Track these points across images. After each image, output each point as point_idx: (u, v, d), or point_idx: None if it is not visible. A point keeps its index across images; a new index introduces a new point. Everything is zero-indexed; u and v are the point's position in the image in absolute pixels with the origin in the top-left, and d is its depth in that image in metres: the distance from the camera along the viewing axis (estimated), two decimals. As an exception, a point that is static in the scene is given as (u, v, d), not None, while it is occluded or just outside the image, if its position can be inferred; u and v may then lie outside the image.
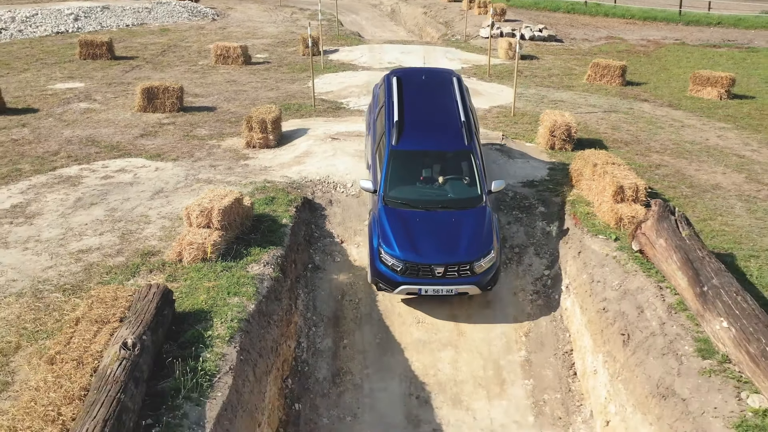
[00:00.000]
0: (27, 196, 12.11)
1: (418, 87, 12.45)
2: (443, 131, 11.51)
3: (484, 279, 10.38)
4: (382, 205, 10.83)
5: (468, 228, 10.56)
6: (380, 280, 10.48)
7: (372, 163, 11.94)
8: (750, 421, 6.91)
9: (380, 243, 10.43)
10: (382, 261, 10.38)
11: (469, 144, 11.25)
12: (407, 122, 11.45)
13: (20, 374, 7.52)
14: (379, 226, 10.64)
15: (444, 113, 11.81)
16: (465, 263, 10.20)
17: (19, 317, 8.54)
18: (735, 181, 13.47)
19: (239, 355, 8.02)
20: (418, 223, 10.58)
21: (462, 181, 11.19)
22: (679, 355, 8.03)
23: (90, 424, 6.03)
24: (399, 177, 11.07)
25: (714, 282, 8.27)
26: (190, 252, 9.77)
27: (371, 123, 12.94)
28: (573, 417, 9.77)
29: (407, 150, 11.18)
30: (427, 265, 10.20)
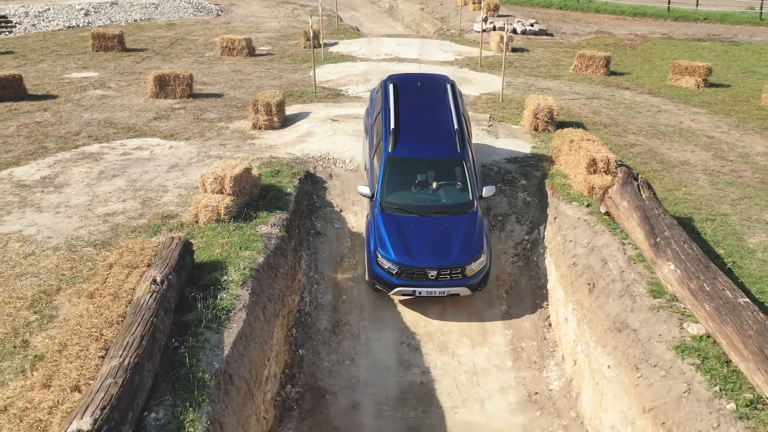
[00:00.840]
0: (54, 169, 13.30)
1: (413, 94, 12.82)
2: (437, 139, 11.97)
3: (475, 281, 11.00)
4: (378, 211, 11.38)
5: (460, 233, 11.08)
6: (377, 282, 11.14)
7: (369, 168, 12.48)
8: (688, 344, 8.10)
9: (377, 247, 11.01)
10: (379, 264, 10.98)
11: (461, 152, 11.72)
12: (403, 130, 11.92)
13: (62, 310, 8.70)
14: (375, 230, 11.22)
15: (438, 121, 12.25)
16: (457, 267, 10.78)
17: (57, 266, 9.73)
18: (702, 158, 14.65)
19: (251, 297, 9.20)
20: (413, 229, 11.14)
21: (454, 186, 11.69)
22: (633, 296, 9.23)
23: (130, 338, 7.22)
24: (395, 183, 11.60)
25: (666, 234, 9.46)
26: (205, 214, 10.96)
27: (369, 127, 13.39)
28: (547, 361, 10.97)
29: (403, 157, 11.67)
30: (421, 269, 10.78)
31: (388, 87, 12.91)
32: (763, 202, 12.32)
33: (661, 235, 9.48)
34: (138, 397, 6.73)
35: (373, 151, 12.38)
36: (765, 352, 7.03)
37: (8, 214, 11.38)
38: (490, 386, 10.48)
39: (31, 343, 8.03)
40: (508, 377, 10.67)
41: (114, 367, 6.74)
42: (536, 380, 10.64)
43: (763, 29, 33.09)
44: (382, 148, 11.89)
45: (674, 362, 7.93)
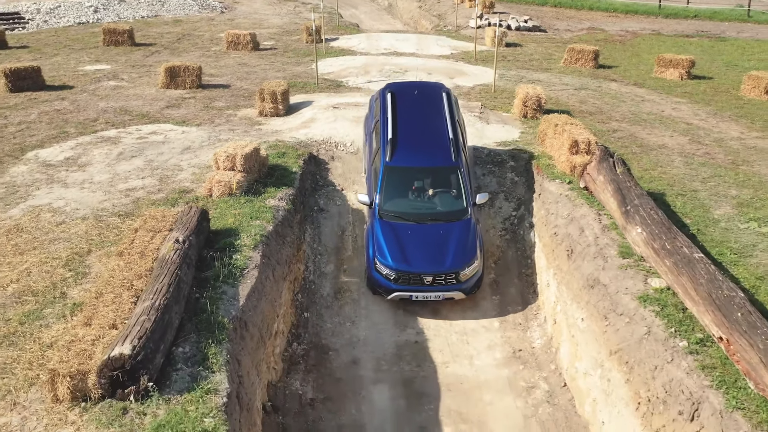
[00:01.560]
0: (76, 151, 14.34)
1: (410, 103, 13.26)
2: (433, 148, 12.44)
3: (469, 285, 11.57)
4: (377, 218, 11.95)
5: (454, 240, 11.59)
6: (376, 287, 11.73)
7: (368, 176, 13.00)
8: (650, 295, 9.14)
9: (375, 254, 11.58)
10: (377, 270, 11.54)
11: (456, 160, 12.20)
12: (400, 140, 12.43)
13: (94, 268, 9.73)
14: (374, 238, 11.77)
15: (434, 131, 12.72)
16: (451, 272, 11.32)
17: (86, 233, 10.77)
18: (679, 142, 15.69)
19: (262, 258, 10.23)
20: (409, 236, 11.69)
21: (449, 194, 12.21)
22: (605, 257, 10.27)
23: (158, 285, 8.25)
24: (392, 191, 12.13)
25: (635, 202, 10.50)
26: (218, 188, 11.99)
27: (368, 134, 13.81)
28: (530, 323, 12.01)
29: (400, 166, 12.20)
30: (417, 274, 11.34)
31: (386, 96, 13.40)
32: (731, 180, 13.36)
33: (631, 203, 10.53)
34: (168, 333, 7.78)
35: (372, 159, 12.92)
36: (713, 296, 8.07)
37: (37, 189, 12.42)
38: (479, 344, 11.51)
39: (69, 294, 9.07)
40: (494, 337, 11.71)
41: (147, 307, 7.78)
42: (520, 339, 11.68)
43: (751, 26, 34.14)
44: (380, 157, 12.41)
45: (637, 310, 8.97)
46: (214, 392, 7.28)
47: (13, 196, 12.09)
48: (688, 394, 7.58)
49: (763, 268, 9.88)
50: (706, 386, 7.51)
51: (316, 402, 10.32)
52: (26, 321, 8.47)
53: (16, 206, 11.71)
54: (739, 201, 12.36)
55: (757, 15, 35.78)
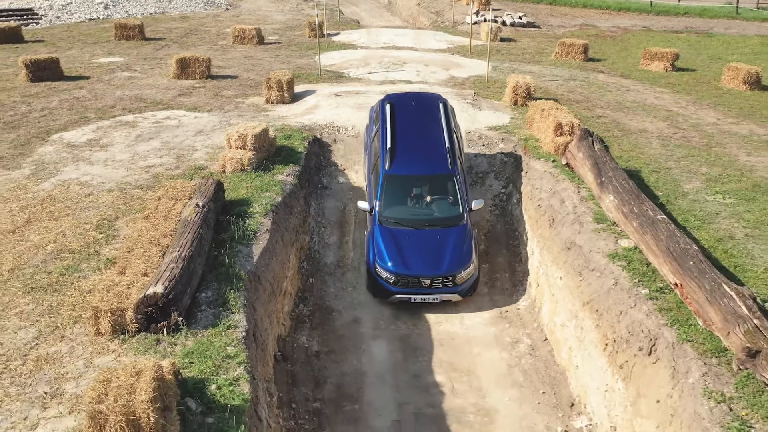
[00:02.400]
0: (97, 133, 15.45)
1: (408, 114, 13.87)
2: (430, 157, 13.05)
3: (465, 287, 12.16)
4: (377, 224, 12.52)
5: (450, 245, 12.17)
6: (376, 290, 12.30)
7: (368, 183, 13.60)
8: (619, 253, 10.27)
9: (375, 258, 12.17)
10: (378, 274, 12.12)
11: (452, 168, 12.82)
12: (399, 149, 13.04)
13: (122, 231, 10.84)
14: (374, 243, 12.35)
15: (431, 140, 13.33)
16: (448, 276, 11.93)
17: (113, 202, 11.89)
18: (659, 127, 16.80)
19: (272, 224, 11.35)
20: (408, 241, 12.29)
21: (446, 200, 12.78)
22: (582, 223, 11.39)
23: (183, 240, 9.37)
24: (392, 198, 12.72)
25: (609, 174, 11.62)
26: (231, 164, 13.11)
27: (368, 144, 14.43)
28: (516, 287, 13.13)
29: (399, 174, 12.82)
30: (416, 278, 11.94)
31: (385, 107, 13.98)
32: (703, 159, 14.47)
33: (606, 175, 11.65)
34: (192, 279, 8.90)
35: (372, 167, 13.54)
36: (670, 249, 9.19)
37: (65, 166, 13.54)
38: (469, 307, 12.61)
39: (101, 252, 10.18)
40: (483, 300, 12.82)
41: (174, 257, 8.91)
42: (507, 302, 12.79)
43: (739, 22, 35.24)
44: (379, 166, 13.01)
45: (607, 266, 10.09)
46: (234, 328, 8.40)
47: (43, 172, 13.22)
48: (647, 332, 8.70)
49: (722, 232, 11.00)
50: (662, 325, 8.63)
51: (321, 354, 11.43)
52: (66, 273, 9.59)
53: (47, 180, 12.84)
54: (708, 177, 13.47)
55: (745, 12, 36.89)
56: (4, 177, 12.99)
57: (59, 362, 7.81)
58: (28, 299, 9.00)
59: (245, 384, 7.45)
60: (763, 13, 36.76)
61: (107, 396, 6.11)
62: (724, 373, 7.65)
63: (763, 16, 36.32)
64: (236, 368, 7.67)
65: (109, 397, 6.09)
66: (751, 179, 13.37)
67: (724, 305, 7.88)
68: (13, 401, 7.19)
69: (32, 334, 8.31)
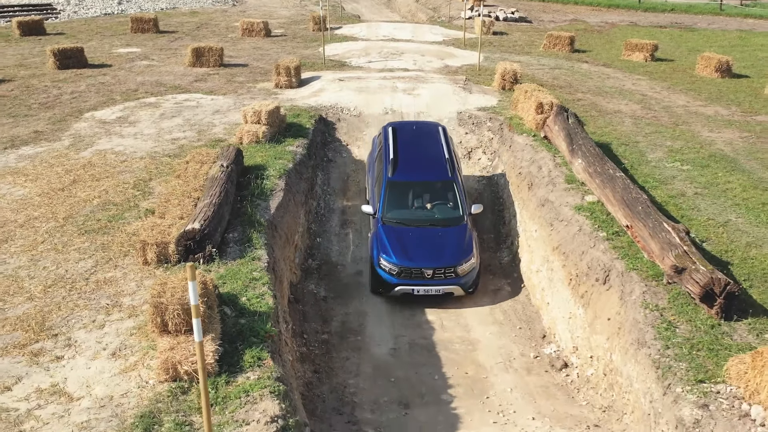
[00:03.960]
0: (125, 112, 17.15)
1: (410, 135, 14.71)
2: (431, 166, 13.77)
3: (466, 280, 12.48)
4: (380, 224, 13.02)
5: (452, 239, 12.71)
6: (379, 284, 12.61)
7: (371, 195, 14.11)
8: (584, 206, 11.97)
9: (379, 252, 12.59)
10: (381, 267, 12.52)
11: (452, 176, 13.49)
12: (401, 159, 13.77)
13: (156, 189, 12.54)
14: (378, 240, 12.79)
15: (431, 153, 14.11)
16: (449, 267, 12.34)
17: (146, 167, 13.59)
18: (632, 109, 18.51)
19: (285, 185, 13.04)
20: (411, 237, 12.79)
21: (446, 205, 13.33)
22: (555, 184, 13.09)
23: (212, 191, 11.07)
24: (394, 202, 13.25)
25: (579, 142, 13.32)
26: (247, 137, 14.81)
27: (370, 165, 15.00)
28: (500, 246, 14.82)
29: (401, 180, 13.45)
30: (419, 269, 12.31)
31: (387, 131, 14.79)
32: (669, 135, 16.17)
33: (576, 143, 13.35)
34: (222, 222, 10.61)
35: (375, 180, 14.10)
36: (624, 198, 10.89)
37: (99, 139, 15.24)
38: (458, 261, 14.26)
39: (140, 205, 11.88)
40: (471, 256, 14.48)
41: (206, 203, 10.61)
42: (491, 258, 14.47)
43: (722, 18, 36.97)
44: (382, 175, 13.61)
45: (573, 216, 11.79)
46: (258, 260, 10.10)
47: (81, 143, 14.92)
48: (602, 266, 10.40)
49: (676, 191, 12.71)
50: (614, 259, 10.33)
51: (328, 298, 13.11)
52: (112, 220, 11.29)
53: (86, 150, 14.54)
54: (670, 149, 15.17)
55: (728, 8, 38.61)
56: (47, 147, 14.69)
57: (115, 284, 9.51)
58: (83, 239, 10.70)
59: (269, 298, 9.15)
60: (746, 10, 38.49)
61: (165, 293, 7.81)
62: (660, 291, 9.35)
63: (746, 12, 38.04)
64: (261, 287, 9.37)
65: (166, 293, 7.80)
66: (708, 151, 15.07)
67: (662, 238, 9.58)
68: (82, 310, 8.89)
69: (90, 264, 10.01)
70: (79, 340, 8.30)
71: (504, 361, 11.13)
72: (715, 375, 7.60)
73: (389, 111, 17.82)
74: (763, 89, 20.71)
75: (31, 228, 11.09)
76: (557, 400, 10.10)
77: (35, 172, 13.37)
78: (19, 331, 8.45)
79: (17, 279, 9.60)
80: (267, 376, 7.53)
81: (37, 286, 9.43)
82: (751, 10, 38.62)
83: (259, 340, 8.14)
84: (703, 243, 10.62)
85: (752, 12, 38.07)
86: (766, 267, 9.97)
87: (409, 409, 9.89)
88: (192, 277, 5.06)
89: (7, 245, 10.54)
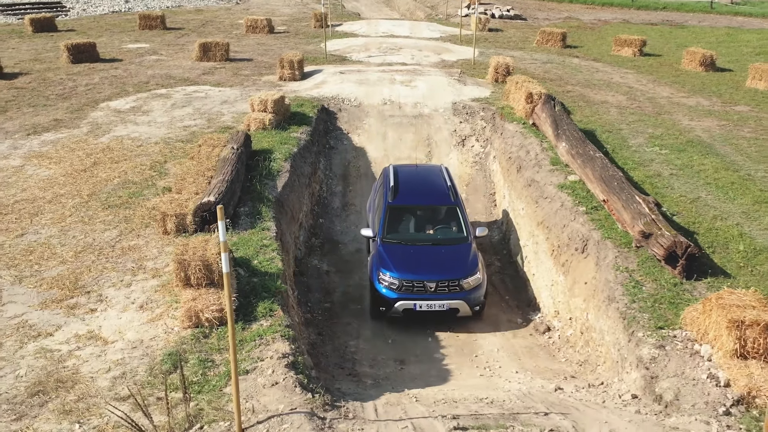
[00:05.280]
0: (138, 102, 18.16)
1: (411, 171, 14.12)
2: (433, 193, 13.18)
3: (472, 297, 11.44)
4: (380, 243, 12.24)
5: (455, 255, 11.97)
6: (378, 302, 11.63)
7: (371, 223, 13.47)
8: (567, 184, 12.98)
9: (379, 268, 11.70)
10: (381, 281, 11.57)
11: (455, 201, 12.80)
12: (402, 187, 13.14)
13: (172, 170, 13.54)
14: (377, 257, 11.97)
15: (433, 184, 13.48)
16: (454, 280, 11.36)
17: (160, 151, 14.59)
18: (618, 100, 19.51)
19: (291, 167, 14.04)
20: (413, 253, 12.02)
21: (450, 228, 12.64)
22: (541, 165, 14.10)
23: (225, 170, 12.07)
24: (395, 224, 12.56)
25: (564, 128, 14.34)
26: (255, 124, 15.81)
27: (371, 204, 14.29)
28: (491, 226, 15.78)
29: (402, 204, 12.73)
30: (421, 281, 11.33)
31: (388, 169, 14.07)
32: (651, 123, 17.18)
33: (561, 128, 14.37)
34: (234, 197, 11.61)
35: (375, 211, 13.43)
36: (602, 175, 11.90)
37: (116, 126, 16.25)
38: (451, 240, 15.27)
39: (157, 184, 12.88)
40: (464, 235, 15.49)
41: (220, 179, 11.62)
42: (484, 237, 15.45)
43: (713, 16, 37.98)
44: (382, 204, 12.91)
45: (557, 194, 12.81)
46: (267, 230, 11.11)
47: (99, 130, 15.93)
48: (581, 236, 11.40)
49: (653, 172, 13.71)
50: (592, 230, 11.33)
51: (331, 272, 14.12)
52: (133, 196, 12.31)
53: (104, 136, 15.55)
54: (651, 135, 16.18)
55: (719, 7, 39.63)
56: (67, 133, 15.70)
57: (139, 250, 10.52)
58: (107, 212, 11.71)
59: (278, 261, 10.16)
60: (736, 8, 39.51)
61: (188, 251, 8.82)
62: (630, 256, 10.35)
63: (736, 10, 39.06)
64: (271, 253, 10.37)
65: (189, 251, 8.81)
66: (686, 137, 16.08)
67: (634, 209, 10.59)
68: (110, 272, 9.90)
69: (115, 234, 11.02)
70: (109, 296, 9.30)
71: (492, 327, 12.13)
72: (674, 323, 8.61)
73: (388, 101, 18.82)
74: (744, 82, 21.71)
75: (58, 203, 12.10)
76: (539, 358, 11.10)
77: (58, 155, 14.38)
78: (55, 289, 9.46)
79: (50, 246, 10.62)
80: (278, 324, 8.54)
81: (68, 252, 10.44)
82: (741, 8, 39.64)
83: (270, 295, 9.15)
84: (673, 216, 11.62)
85: (742, 10, 39.10)
86: (729, 236, 10.98)
87: (404, 365, 10.88)
88: (221, 218, 6.06)
89: (38, 218, 11.56)
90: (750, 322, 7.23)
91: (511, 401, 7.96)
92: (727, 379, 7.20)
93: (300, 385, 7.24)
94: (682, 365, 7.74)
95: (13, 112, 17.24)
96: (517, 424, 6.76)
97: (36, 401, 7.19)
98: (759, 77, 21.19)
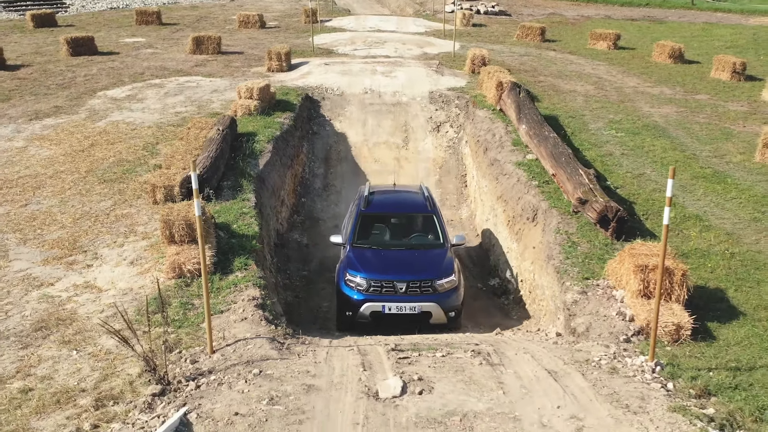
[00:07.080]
0: (133, 91, 19.35)
1: (388, 189, 13.54)
2: (409, 202, 12.75)
3: (446, 299, 10.56)
4: (350, 248, 11.50)
5: (429, 257, 11.32)
6: (344, 305, 10.78)
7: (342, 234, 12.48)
8: (524, 162, 14.17)
9: (346, 269, 10.93)
10: (347, 283, 10.75)
11: (432, 209, 12.18)
12: (376, 197, 12.60)
13: (162, 150, 14.72)
14: (346, 261, 11.20)
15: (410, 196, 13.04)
16: (426, 280, 10.54)
17: (153, 134, 15.79)
18: (587, 89, 20.69)
19: (273, 148, 15.22)
20: (383, 255, 11.34)
21: (426, 236, 11.98)
22: (503, 146, 15.29)
23: (210, 148, 13.26)
24: (366, 231, 11.81)
25: (526, 112, 15.53)
26: (241, 110, 16.99)
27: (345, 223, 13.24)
28: (461, 205, 17.03)
29: (375, 212, 12.09)
30: (390, 281, 10.48)
31: (363, 187, 13.49)
32: (613, 110, 18.36)
33: (523, 113, 15.56)
34: (217, 172, 12.80)
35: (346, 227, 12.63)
36: (552, 153, 13.09)
37: (112, 112, 17.43)
38: (423, 217, 16.47)
39: (149, 162, 14.07)
40: (435, 213, 16.69)
41: (205, 156, 12.82)
42: (453, 215, 16.67)
43: (693, 12, 39.14)
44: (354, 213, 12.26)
45: (514, 170, 14.00)
46: (247, 201, 12.30)
47: (96, 116, 17.12)
48: (532, 206, 12.59)
49: (605, 151, 14.90)
50: (541, 200, 12.52)
51: (309, 246, 15.31)
52: (126, 173, 13.50)
53: (100, 121, 16.74)
54: (611, 120, 17.36)
55: (699, 3, 40.78)
56: (67, 119, 16.89)
57: (131, 217, 11.72)
58: (103, 186, 12.91)
59: (255, 226, 11.35)
60: (716, 4, 40.66)
61: (173, 213, 10.02)
62: (572, 222, 11.54)
63: (716, 6, 40.22)
64: (249, 219, 11.57)
65: (173, 213, 10.01)
66: (643, 122, 17.26)
67: (576, 180, 11.78)
68: (105, 235, 11.10)
69: (109, 204, 12.21)
70: (104, 254, 10.50)
71: (454, 290, 13.31)
72: (598, 275, 9.80)
73: (368, 90, 20.00)
74: (709, 73, 22.88)
75: (58, 179, 13.30)
76: (495, 317, 12.29)
77: (58, 138, 15.57)
78: (56, 249, 10.66)
79: (51, 214, 11.81)
80: (251, 275, 9.74)
81: (67, 218, 11.64)
82: (721, 5, 40.80)
83: (246, 252, 10.34)
84: (617, 189, 12.81)
85: (721, 6, 40.26)
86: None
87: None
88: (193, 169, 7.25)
89: (41, 191, 12.75)
90: (653, 267, 8.42)
91: (453, 339, 9.15)
92: (631, 315, 8.40)
93: (266, 320, 8.44)
94: (597, 306, 8.94)
95: (16, 99, 18.44)
96: (447, 348, 7.96)
97: (39, 335, 8.38)
98: (722, 68, 22.37)
